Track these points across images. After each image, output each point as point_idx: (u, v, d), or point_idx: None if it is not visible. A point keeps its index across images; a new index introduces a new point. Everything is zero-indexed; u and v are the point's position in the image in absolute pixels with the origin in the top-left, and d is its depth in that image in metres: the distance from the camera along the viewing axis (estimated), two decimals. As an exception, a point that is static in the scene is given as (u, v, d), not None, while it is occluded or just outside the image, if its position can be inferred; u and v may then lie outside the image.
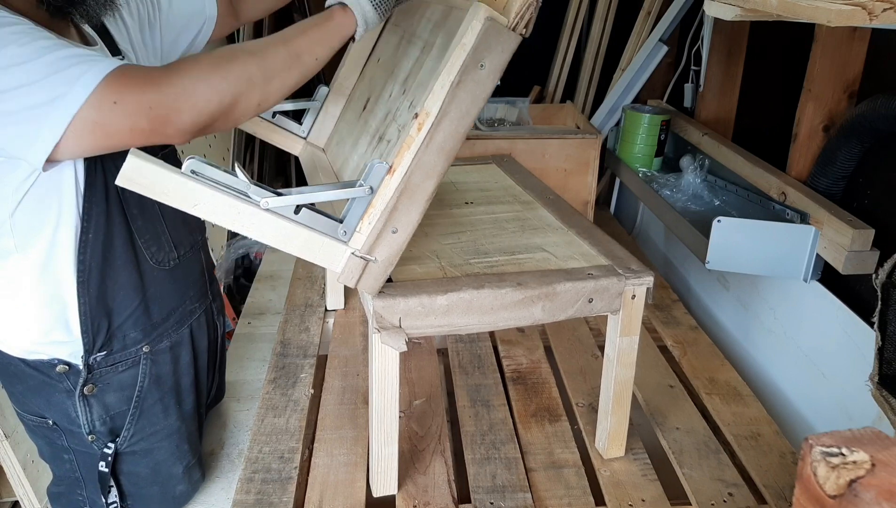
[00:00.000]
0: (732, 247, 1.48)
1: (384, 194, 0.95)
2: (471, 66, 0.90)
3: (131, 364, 1.15)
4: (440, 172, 0.95)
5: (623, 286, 1.09)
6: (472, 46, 0.89)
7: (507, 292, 1.05)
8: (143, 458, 1.20)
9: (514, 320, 1.07)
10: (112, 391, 1.14)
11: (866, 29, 1.42)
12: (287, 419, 1.34)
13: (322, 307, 1.74)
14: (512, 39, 0.91)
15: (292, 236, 0.93)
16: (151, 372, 1.17)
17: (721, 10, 1.06)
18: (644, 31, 2.34)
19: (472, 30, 0.89)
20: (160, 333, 1.18)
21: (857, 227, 1.32)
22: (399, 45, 1.28)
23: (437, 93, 0.91)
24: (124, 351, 1.13)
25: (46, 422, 1.14)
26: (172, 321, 1.20)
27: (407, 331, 1.03)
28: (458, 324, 1.05)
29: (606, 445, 1.23)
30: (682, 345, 1.62)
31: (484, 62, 0.91)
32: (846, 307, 1.37)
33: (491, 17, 0.89)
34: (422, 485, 1.18)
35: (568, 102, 2.49)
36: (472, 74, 0.91)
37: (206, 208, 0.88)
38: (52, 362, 1.08)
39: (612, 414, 1.21)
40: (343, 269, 0.98)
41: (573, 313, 1.09)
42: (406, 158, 0.93)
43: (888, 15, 0.84)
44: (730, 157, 1.76)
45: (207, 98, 0.90)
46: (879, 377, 1.12)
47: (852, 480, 0.40)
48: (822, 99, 1.51)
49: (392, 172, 0.94)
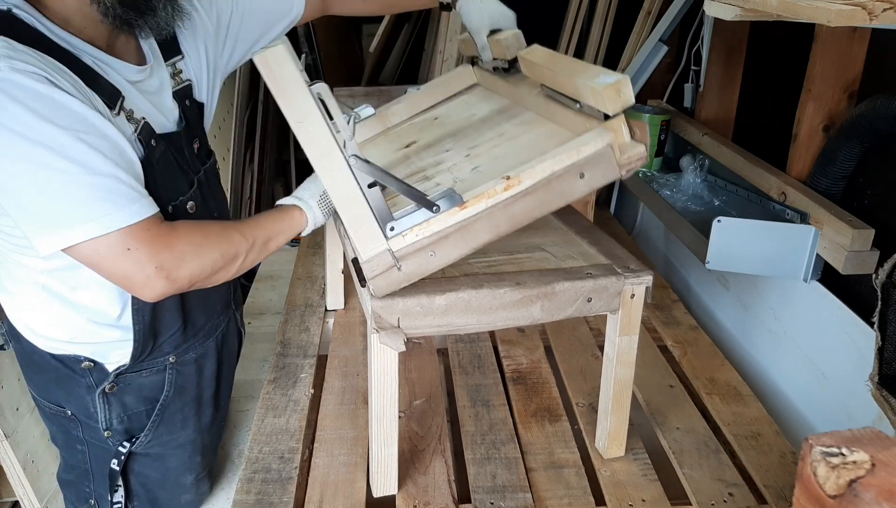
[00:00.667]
0: (732, 247, 1.48)
1: (446, 219, 0.99)
2: (574, 169, 1.00)
3: (155, 372, 1.16)
4: (498, 233, 1.02)
5: (622, 286, 1.09)
6: (585, 156, 0.99)
7: (505, 292, 1.05)
8: (154, 462, 1.20)
9: (513, 319, 1.07)
10: (132, 392, 1.15)
11: (866, 29, 1.42)
12: (287, 419, 1.34)
13: (322, 307, 1.74)
14: (615, 172, 1.01)
15: (353, 203, 0.95)
16: (176, 382, 1.19)
17: (721, 10, 1.07)
18: (644, 31, 2.34)
19: (594, 145, 0.99)
20: (188, 346, 1.20)
21: (857, 227, 1.32)
22: (469, 119, 1.35)
23: (537, 171, 0.99)
24: (152, 359, 1.15)
25: (65, 412, 1.15)
26: (202, 335, 1.23)
27: (405, 331, 1.03)
28: (456, 324, 1.05)
29: (606, 445, 1.23)
30: (682, 345, 1.62)
31: (585, 174, 1.00)
32: (846, 307, 1.37)
33: (612, 145, 0.99)
34: (422, 485, 1.18)
35: (568, 102, 2.49)
36: (571, 175, 1.00)
37: (307, 131, 0.91)
38: (79, 358, 1.10)
39: (611, 414, 1.21)
40: (369, 259, 0.98)
41: (572, 313, 1.09)
42: (481, 204, 0.99)
43: (888, 15, 0.84)
44: (730, 157, 1.76)
45: (202, 268, 0.98)
46: (879, 377, 1.12)
47: (852, 480, 0.40)
48: (822, 99, 1.51)
49: (464, 206, 0.98)
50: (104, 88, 0.95)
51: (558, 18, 2.60)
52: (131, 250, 0.91)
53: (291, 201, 1.12)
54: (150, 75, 1.08)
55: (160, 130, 1.05)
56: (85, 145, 0.87)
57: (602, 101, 0.96)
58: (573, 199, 1.02)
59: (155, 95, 1.08)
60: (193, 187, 1.12)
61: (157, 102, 1.08)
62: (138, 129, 0.99)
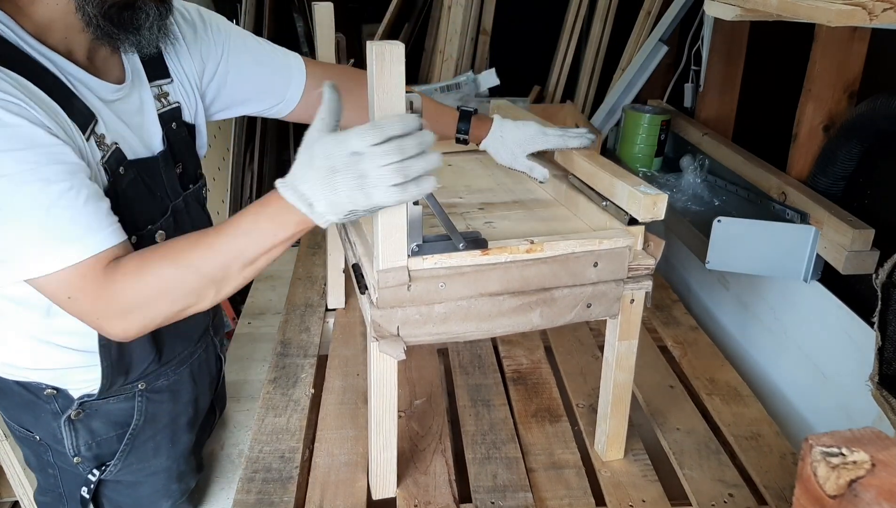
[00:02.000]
0: (732, 247, 1.48)
1: (467, 258, 1.01)
2: (591, 256, 1.06)
3: (123, 399, 1.11)
4: (507, 287, 1.04)
5: (621, 291, 1.09)
6: (604, 248, 1.06)
7: (504, 299, 1.05)
8: (127, 489, 1.16)
9: (513, 326, 1.07)
10: (99, 418, 1.10)
11: (866, 29, 1.42)
12: (287, 419, 1.34)
13: (322, 307, 1.74)
14: (622, 273, 1.08)
15: (396, 212, 0.94)
16: (147, 410, 1.13)
17: (721, 10, 1.07)
18: (644, 31, 2.34)
19: (615, 241, 1.06)
20: (158, 374, 1.14)
21: (858, 227, 1.32)
22: (484, 177, 1.42)
23: (560, 246, 1.04)
24: (121, 387, 1.10)
25: (34, 437, 1.10)
26: (174, 363, 1.16)
27: (405, 339, 1.03)
28: (455, 332, 1.05)
29: (605, 448, 1.24)
30: (682, 345, 1.62)
31: (599, 264, 1.06)
32: (846, 307, 1.37)
33: (630, 247, 1.06)
34: (423, 485, 1.18)
35: (568, 102, 2.49)
36: (587, 261, 1.06)
37: None
38: (41, 385, 1.05)
39: (610, 417, 1.21)
40: (386, 270, 0.98)
41: (571, 319, 1.09)
42: (502, 256, 1.02)
43: (888, 15, 0.84)
44: (730, 157, 1.76)
45: (153, 319, 0.90)
46: (879, 377, 1.12)
47: (852, 480, 0.40)
48: (822, 99, 1.51)
49: (486, 253, 1.01)
50: (78, 110, 0.90)
51: (558, 18, 2.60)
52: (72, 299, 0.85)
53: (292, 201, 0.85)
54: (129, 94, 1.01)
55: (133, 155, 0.99)
56: (37, 178, 0.82)
57: (638, 207, 1.05)
58: (580, 282, 1.07)
59: (133, 115, 1.02)
60: (167, 215, 1.04)
61: (135, 124, 1.01)
62: (106, 156, 0.93)
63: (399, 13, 2.70)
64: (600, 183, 1.15)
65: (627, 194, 1.07)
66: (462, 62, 2.61)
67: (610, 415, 1.21)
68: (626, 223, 1.09)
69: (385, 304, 1.00)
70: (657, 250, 1.10)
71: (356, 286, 1.08)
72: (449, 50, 2.57)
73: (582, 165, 1.21)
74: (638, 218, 1.06)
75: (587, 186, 1.19)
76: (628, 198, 1.07)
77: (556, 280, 1.05)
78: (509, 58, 2.55)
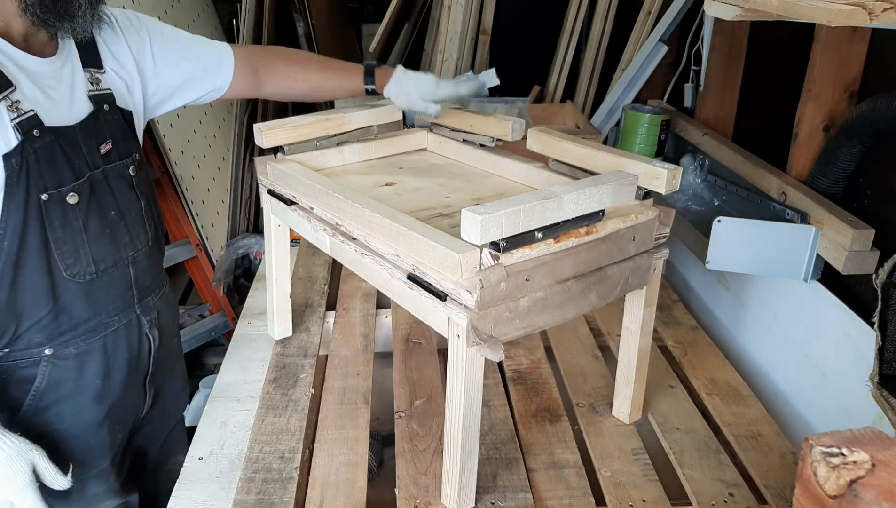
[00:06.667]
0: (732, 247, 1.48)
1: (544, 247, 1.02)
2: (631, 231, 1.11)
3: (31, 364, 1.17)
4: (577, 271, 1.06)
5: (651, 261, 1.17)
6: (641, 222, 1.11)
7: (571, 284, 1.06)
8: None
9: (577, 309, 1.09)
10: (13, 385, 1.16)
11: (866, 29, 1.42)
12: (287, 419, 1.34)
13: (322, 307, 1.74)
14: (651, 243, 1.15)
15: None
16: (51, 375, 1.19)
17: (721, 10, 1.07)
18: (644, 31, 2.34)
19: (646, 215, 1.11)
20: (66, 339, 1.19)
21: (858, 227, 1.32)
22: (445, 171, 1.43)
23: (609, 225, 1.07)
24: (27, 351, 1.16)
25: None
26: (81, 331, 1.21)
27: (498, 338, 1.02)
28: (536, 324, 1.05)
29: (629, 412, 1.31)
30: (682, 345, 1.62)
31: (636, 237, 1.11)
32: (846, 307, 1.37)
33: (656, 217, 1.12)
34: (422, 485, 1.18)
35: (568, 102, 2.50)
36: (628, 236, 1.10)
37: None
38: None
39: (635, 381, 1.28)
40: (489, 266, 0.96)
41: (617, 294, 1.15)
42: (570, 241, 1.04)
43: (888, 15, 0.84)
44: (730, 157, 1.76)
45: None
46: (879, 377, 1.12)
47: (852, 480, 0.40)
48: (822, 99, 1.51)
49: (558, 240, 1.02)
50: None
51: (558, 18, 2.60)
52: None
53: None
54: (60, 72, 1.14)
55: (53, 121, 1.10)
56: None
57: (661, 181, 1.09)
58: (625, 256, 1.11)
59: (60, 89, 1.14)
60: (82, 179, 1.15)
61: (62, 97, 1.14)
62: (18, 119, 1.05)
63: (399, 13, 2.70)
64: (603, 164, 1.17)
65: (644, 170, 1.11)
66: (462, 62, 2.61)
67: (635, 379, 1.28)
68: (641, 198, 1.14)
69: (485, 305, 0.98)
70: (669, 219, 1.16)
71: (425, 299, 1.03)
72: (449, 50, 2.57)
73: (573, 149, 1.23)
74: (661, 191, 1.10)
75: (578, 169, 1.21)
76: (645, 174, 1.11)
77: (609, 258, 1.09)
78: (509, 58, 2.55)
